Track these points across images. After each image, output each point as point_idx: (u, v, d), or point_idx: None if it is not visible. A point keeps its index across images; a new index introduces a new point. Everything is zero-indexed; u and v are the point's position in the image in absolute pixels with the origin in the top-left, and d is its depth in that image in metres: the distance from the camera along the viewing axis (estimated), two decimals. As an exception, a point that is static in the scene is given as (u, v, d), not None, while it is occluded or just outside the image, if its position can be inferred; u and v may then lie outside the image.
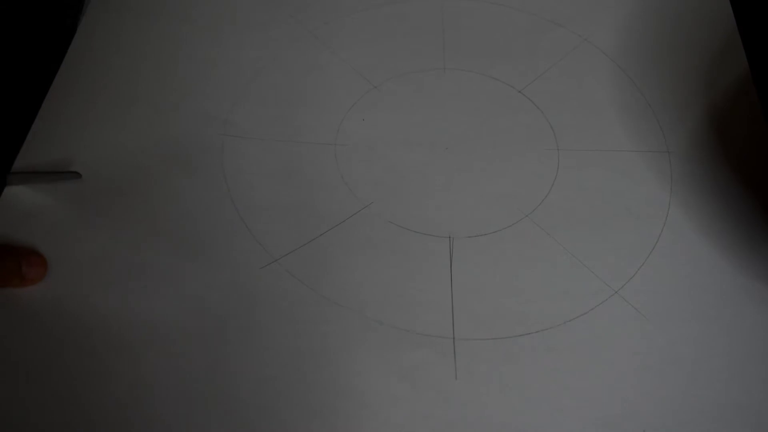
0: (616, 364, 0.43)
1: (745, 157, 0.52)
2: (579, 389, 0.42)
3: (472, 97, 0.55)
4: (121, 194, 0.49)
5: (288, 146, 0.52)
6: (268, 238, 0.47)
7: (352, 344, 0.44)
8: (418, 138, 0.53)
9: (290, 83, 0.56)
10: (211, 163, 0.51)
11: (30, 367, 0.42)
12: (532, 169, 0.52)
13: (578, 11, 0.61)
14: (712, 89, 0.55)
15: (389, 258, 0.47)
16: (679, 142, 0.53)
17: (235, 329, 0.44)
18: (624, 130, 0.53)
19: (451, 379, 0.42)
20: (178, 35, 0.58)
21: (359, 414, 0.41)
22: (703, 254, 0.48)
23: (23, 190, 0.48)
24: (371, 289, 0.46)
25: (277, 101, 0.54)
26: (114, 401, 0.41)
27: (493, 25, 0.59)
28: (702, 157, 0.52)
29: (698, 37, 0.59)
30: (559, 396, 0.42)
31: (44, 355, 0.42)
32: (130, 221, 0.48)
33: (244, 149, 0.52)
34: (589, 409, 0.41)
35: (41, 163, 0.50)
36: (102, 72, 0.55)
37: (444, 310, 0.45)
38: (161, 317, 0.44)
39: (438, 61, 0.57)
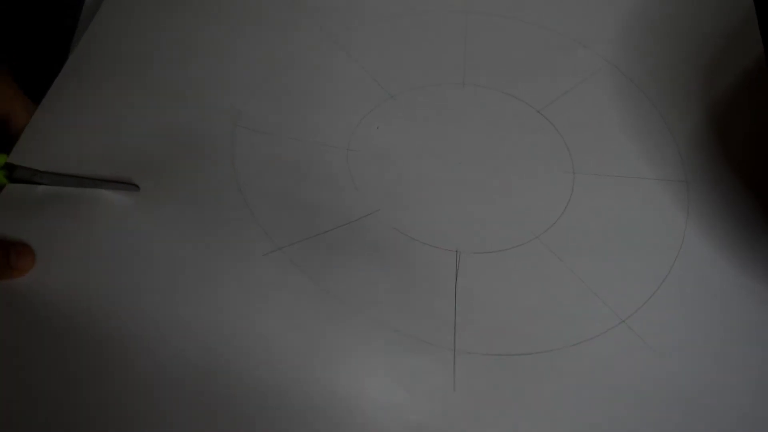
0: (618, 392, 0.42)
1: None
2: (577, 414, 0.41)
3: (490, 114, 0.54)
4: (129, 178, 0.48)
5: (300, 145, 0.51)
6: (273, 228, 0.47)
7: (350, 344, 0.43)
8: (432, 150, 0.52)
9: (307, 84, 0.55)
10: (221, 150, 0.50)
11: (21, 361, 0.40)
12: (546, 191, 0.51)
13: (603, 33, 0.60)
14: (737, 119, 0.55)
15: (394, 264, 0.46)
16: (698, 172, 0.52)
17: (232, 320, 0.43)
18: (643, 157, 0.52)
19: (449, 390, 0.41)
20: (197, 26, 0.58)
21: (353, 419, 0.40)
22: (717, 288, 0.46)
23: (22, 188, 0.47)
24: (374, 290, 0.45)
25: (293, 100, 0.54)
26: (109, 396, 0.39)
27: (516, 42, 0.59)
28: (721, 189, 0.51)
29: (725, 65, 0.58)
30: (556, 418, 0.41)
31: (36, 349, 0.41)
32: (132, 208, 0.47)
33: (256, 141, 0.51)
34: (587, 436, 0.40)
35: (46, 153, 0.49)
36: (115, 58, 0.55)
37: (446, 321, 0.44)
38: (157, 309, 0.43)
39: (457, 76, 0.57)
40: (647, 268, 0.47)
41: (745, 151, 0.53)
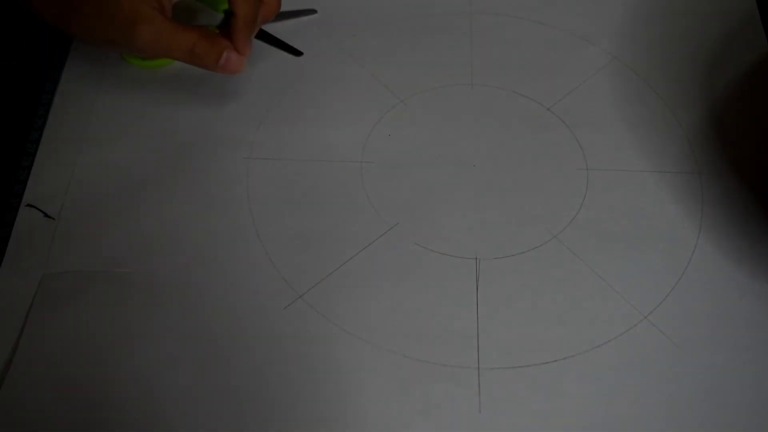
0: (646, 392, 0.43)
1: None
2: (608, 419, 0.42)
3: (500, 114, 0.55)
4: (141, 248, 0.48)
5: (314, 165, 0.52)
6: (293, 272, 0.47)
7: (376, 382, 0.43)
8: (445, 155, 0.52)
9: (317, 97, 0.55)
10: (237, 196, 0.50)
11: None
12: (561, 188, 0.51)
13: (608, 29, 0.59)
14: (745, 109, 0.54)
15: (414, 283, 0.47)
16: (711, 163, 0.52)
17: (259, 378, 0.43)
18: (655, 151, 0.52)
19: (475, 412, 0.42)
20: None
21: None
22: (735, 279, 0.47)
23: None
24: (396, 320, 0.45)
25: (303, 117, 0.54)
26: None
27: (522, 40, 0.59)
28: (734, 179, 0.51)
29: (731, 57, 0.57)
30: (587, 426, 0.42)
31: None
32: (150, 272, 0.47)
33: (270, 172, 0.51)
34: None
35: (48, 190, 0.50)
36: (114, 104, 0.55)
37: (469, 337, 0.45)
38: (182, 380, 0.43)
39: (466, 77, 0.57)
40: (666, 261, 0.48)
41: (756, 137, 0.53)
